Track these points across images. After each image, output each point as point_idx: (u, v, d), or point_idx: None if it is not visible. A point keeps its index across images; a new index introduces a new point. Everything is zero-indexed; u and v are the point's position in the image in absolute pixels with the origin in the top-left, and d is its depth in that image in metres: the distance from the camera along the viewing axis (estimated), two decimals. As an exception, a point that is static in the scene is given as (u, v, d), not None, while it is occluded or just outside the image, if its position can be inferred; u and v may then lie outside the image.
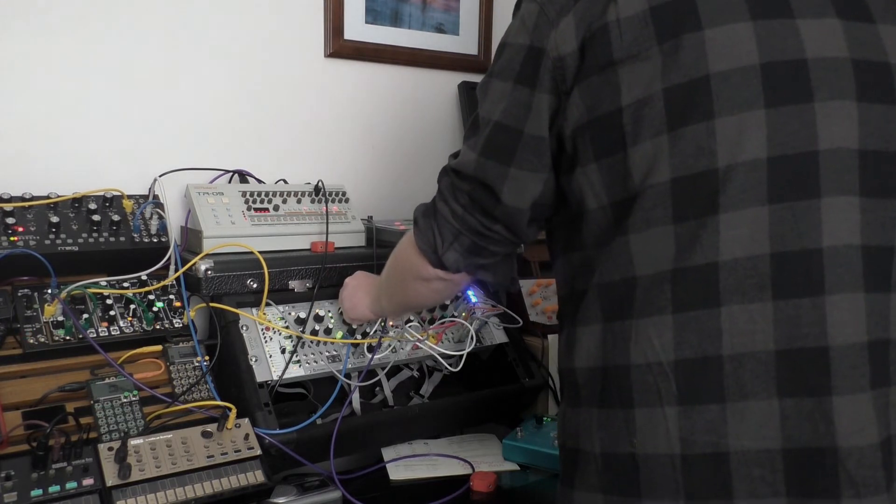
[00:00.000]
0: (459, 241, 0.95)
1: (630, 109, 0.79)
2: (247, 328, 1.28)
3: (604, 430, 0.83)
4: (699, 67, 0.77)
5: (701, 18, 0.78)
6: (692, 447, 0.77)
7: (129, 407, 1.14)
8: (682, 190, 0.77)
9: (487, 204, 0.91)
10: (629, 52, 0.79)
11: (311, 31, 1.66)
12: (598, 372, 0.84)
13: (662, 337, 0.78)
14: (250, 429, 1.15)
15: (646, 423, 0.79)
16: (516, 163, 0.88)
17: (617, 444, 0.82)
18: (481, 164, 0.90)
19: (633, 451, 0.80)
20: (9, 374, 1.12)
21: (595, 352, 0.85)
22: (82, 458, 1.02)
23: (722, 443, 0.76)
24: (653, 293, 0.79)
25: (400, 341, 1.40)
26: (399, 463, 1.37)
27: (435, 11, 1.84)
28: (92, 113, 1.41)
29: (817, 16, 0.79)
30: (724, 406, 0.76)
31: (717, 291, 0.76)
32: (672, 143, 0.77)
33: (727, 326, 0.76)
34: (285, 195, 1.49)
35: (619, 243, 0.82)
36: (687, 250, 0.77)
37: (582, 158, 0.85)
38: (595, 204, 0.85)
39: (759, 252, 0.75)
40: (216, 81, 1.54)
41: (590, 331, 0.86)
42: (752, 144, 0.76)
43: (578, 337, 0.88)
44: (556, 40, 0.83)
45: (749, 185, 0.76)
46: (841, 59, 0.78)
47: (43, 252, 1.20)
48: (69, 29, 1.37)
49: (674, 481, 0.77)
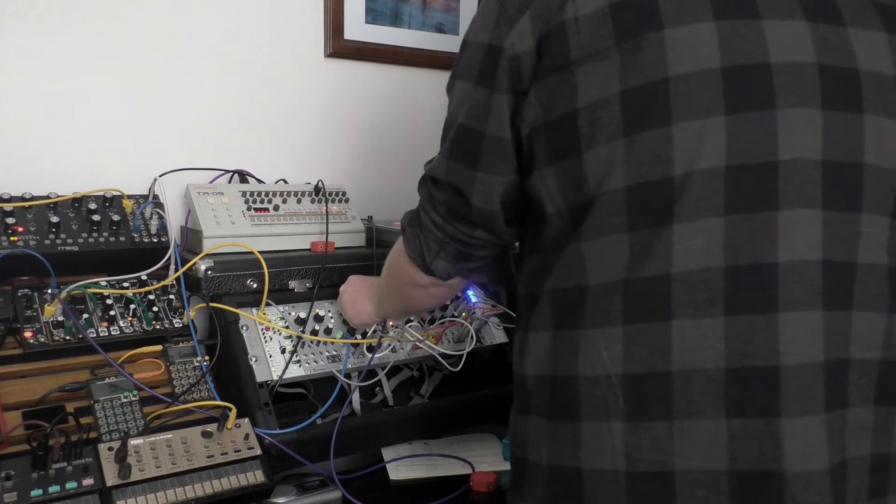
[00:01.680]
0: (445, 249, 0.94)
1: (586, 112, 0.75)
2: (247, 328, 1.28)
3: (551, 442, 0.80)
4: (658, 69, 0.73)
5: (662, 17, 0.73)
6: (637, 464, 0.74)
7: (129, 407, 1.14)
8: (636, 198, 0.74)
9: (462, 210, 0.89)
10: (587, 50, 0.75)
11: (311, 31, 1.66)
12: (546, 381, 0.82)
13: (611, 349, 0.75)
14: (250, 429, 1.15)
15: (592, 437, 0.76)
16: (481, 166, 0.86)
17: (563, 457, 0.79)
18: (451, 168, 0.88)
19: (578, 466, 0.77)
20: (9, 374, 1.12)
21: (544, 360, 0.82)
22: (82, 458, 1.02)
23: (667, 461, 0.73)
24: (603, 303, 0.76)
25: (400, 341, 1.40)
26: (399, 463, 1.37)
27: (435, 11, 1.84)
28: (92, 113, 1.41)
29: (785, 17, 0.75)
30: (671, 423, 0.73)
31: (669, 304, 0.73)
32: (628, 148, 0.74)
33: (677, 341, 0.73)
34: (285, 195, 1.49)
35: (572, 249, 0.79)
36: (640, 260, 0.74)
37: (538, 161, 0.82)
38: (552, 208, 0.82)
39: (712, 265, 0.72)
40: (216, 81, 1.54)
41: (540, 338, 0.83)
42: (711, 152, 0.72)
43: (529, 343, 0.85)
44: (512, 39, 0.80)
45: (706, 194, 0.72)
46: (807, 65, 0.73)
47: (43, 252, 1.20)
48: (69, 29, 1.37)
49: (617, 497, 0.75)
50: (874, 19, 0.77)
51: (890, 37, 0.77)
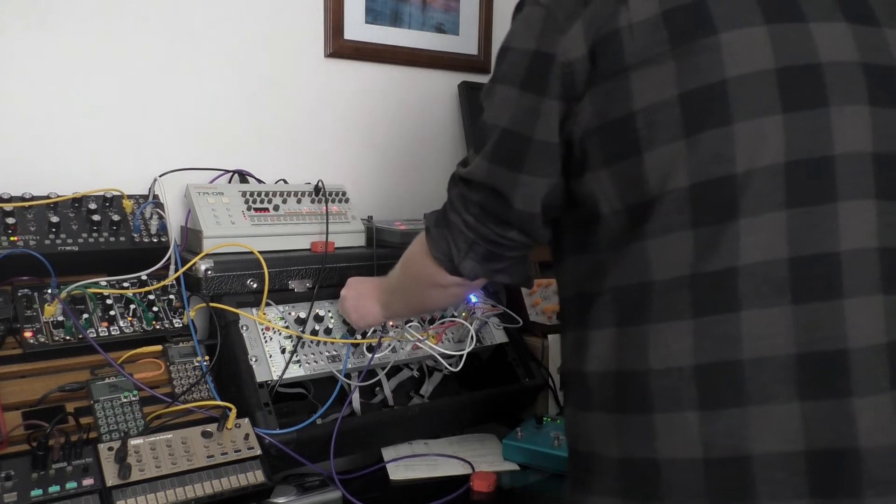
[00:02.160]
0: (474, 249, 0.96)
1: (643, 114, 0.79)
2: (247, 328, 1.28)
3: (622, 435, 0.83)
4: (715, 72, 0.77)
5: (715, 23, 0.78)
6: (714, 451, 0.77)
7: (129, 407, 1.14)
8: (700, 195, 0.78)
9: (500, 211, 0.91)
10: (642, 56, 0.79)
11: (311, 31, 1.66)
12: (611, 376, 0.84)
13: (681, 342, 0.79)
14: (250, 429, 1.15)
15: (666, 428, 0.79)
16: (526, 168, 0.88)
17: (636, 449, 0.82)
18: (491, 170, 0.90)
19: (653, 456, 0.80)
20: (9, 374, 1.12)
21: (608, 356, 0.85)
22: (82, 458, 1.02)
23: (744, 446, 0.76)
24: (670, 298, 0.79)
25: (400, 341, 1.40)
26: (399, 463, 1.37)
27: (435, 11, 1.84)
28: (92, 113, 1.41)
29: (827, 19, 0.79)
30: (746, 410, 0.76)
31: (736, 296, 0.76)
32: (690, 148, 0.78)
33: (747, 331, 0.76)
34: (285, 195, 1.49)
35: (635, 248, 0.82)
36: (706, 255, 0.78)
37: (592, 163, 0.85)
38: (608, 208, 0.85)
39: (777, 257, 0.76)
40: (216, 81, 1.54)
41: (602, 335, 0.86)
42: (771, 150, 0.76)
43: (590, 340, 0.88)
44: (564, 45, 0.82)
45: (767, 190, 0.76)
46: (852, 64, 0.78)
47: (43, 252, 1.20)
48: (69, 29, 1.37)
49: (696, 485, 0.78)
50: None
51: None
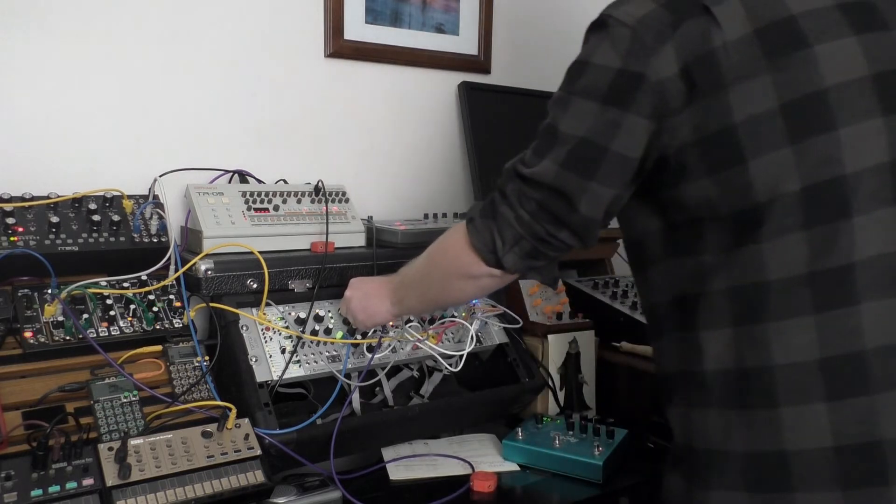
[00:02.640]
0: (520, 245, 0.98)
1: (745, 125, 0.84)
2: (247, 328, 1.28)
3: (745, 430, 0.87)
4: (814, 82, 0.83)
5: (807, 36, 0.84)
6: (845, 439, 0.81)
7: (129, 407, 1.14)
8: (812, 197, 0.83)
9: (561, 213, 0.95)
10: (739, 73, 0.84)
11: (311, 31, 1.66)
12: (732, 374, 0.88)
13: (805, 337, 0.83)
14: (250, 429, 1.15)
15: (795, 421, 0.83)
16: (598, 178, 0.92)
17: (763, 443, 0.85)
18: (562, 175, 0.93)
19: (782, 448, 0.84)
20: (9, 374, 1.12)
21: (726, 355, 0.89)
22: (82, 458, 1.02)
23: (875, 432, 0.80)
24: (790, 296, 0.84)
25: (400, 341, 1.40)
26: (399, 463, 1.37)
27: (435, 11, 1.84)
28: (92, 113, 1.41)
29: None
30: (873, 397, 0.81)
31: (856, 290, 0.82)
32: (798, 154, 0.83)
33: (868, 322, 0.81)
34: (285, 195, 1.49)
35: (749, 250, 0.86)
36: (822, 253, 0.83)
37: (692, 174, 0.89)
38: (712, 214, 0.89)
39: (891, 250, 0.82)
40: (216, 81, 1.54)
41: (717, 335, 0.90)
42: (875, 150, 0.83)
43: (703, 341, 0.91)
44: (655, 66, 0.86)
45: (875, 188, 0.82)
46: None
47: (43, 252, 1.20)
48: (69, 29, 1.37)
49: (828, 473, 0.82)
50: None
51: None
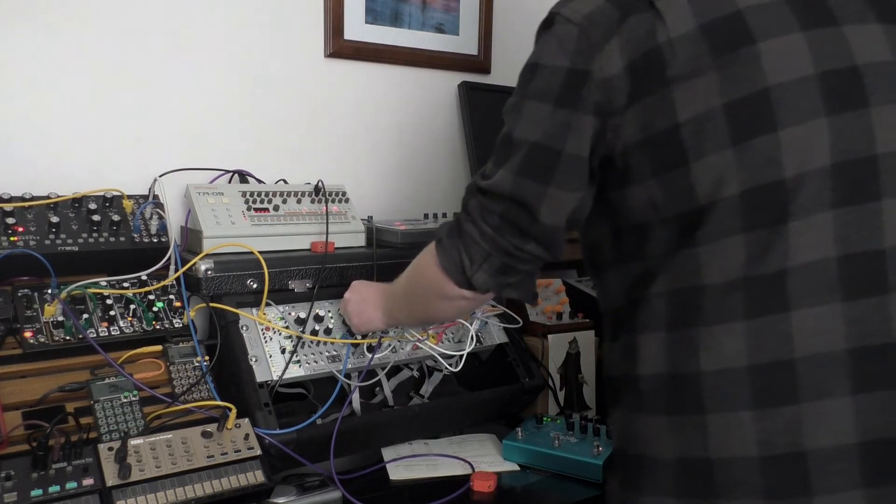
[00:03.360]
0: (489, 262, 0.96)
1: (689, 125, 0.81)
2: (247, 328, 1.28)
3: (675, 436, 0.85)
4: (758, 81, 0.80)
5: (753, 32, 0.81)
6: (770, 449, 0.79)
7: (129, 407, 1.14)
8: (751, 201, 0.80)
9: (523, 223, 0.92)
10: (683, 70, 0.81)
11: (311, 31, 1.66)
12: (663, 379, 0.86)
13: (734, 343, 0.80)
14: (250, 429, 1.15)
15: (720, 428, 0.81)
16: (555, 182, 0.89)
17: (690, 449, 0.83)
18: (518, 183, 0.91)
19: (706, 456, 0.82)
20: (9, 374, 1.12)
21: (660, 359, 0.86)
22: (82, 458, 1.02)
23: (799, 442, 0.78)
24: (723, 301, 0.81)
25: (400, 341, 1.40)
26: (399, 463, 1.37)
27: (435, 11, 1.84)
28: (92, 113, 1.41)
29: (860, 21, 0.82)
30: (799, 407, 0.78)
31: (787, 297, 0.79)
32: (738, 156, 0.80)
33: (798, 330, 0.78)
34: (285, 195, 1.49)
35: (686, 254, 0.84)
36: (757, 258, 0.80)
37: (636, 175, 0.86)
38: (654, 217, 0.87)
39: (826, 256, 0.79)
40: (216, 81, 1.54)
41: (652, 339, 0.88)
42: (818, 152, 0.79)
43: (640, 345, 0.89)
44: (600, 63, 0.84)
45: (815, 191, 0.79)
46: (887, 63, 0.81)
47: (43, 252, 1.20)
48: (69, 29, 1.37)
49: (751, 482, 0.80)
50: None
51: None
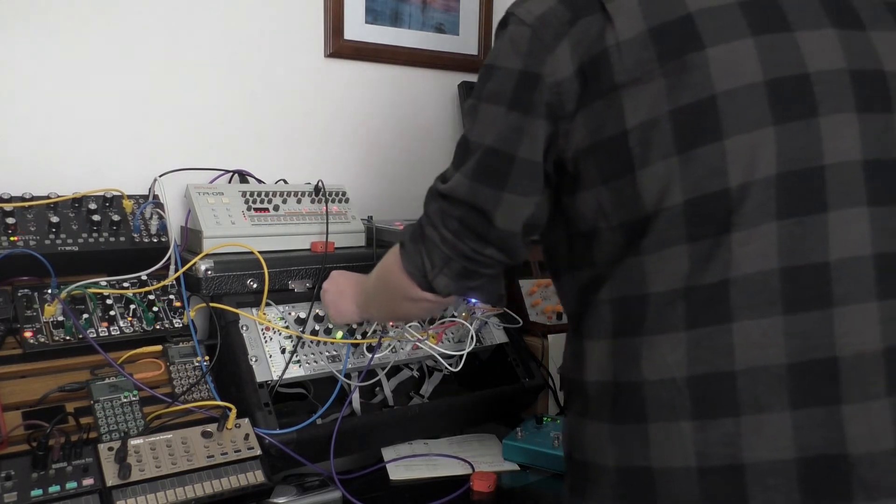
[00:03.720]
0: (450, 266, 0.95)
1: (636, 132, 0.79)
2: (247, 328, 1.28)
3: (617, 445, 0.84)
4: (705, 87, 0.77)
5: (702, 37, 0.78)
6: (708, 460, 0.78)
7: (129, 407, 1.14)
8: (695, 211, 0.78)
9: (480, 228, 0.91)
10: (631, 75, 0.79)
11: (311, 31, 1.66)
12: (608, 386, 0.85)
13: (675, 353, 0.79)
14: (250, 429, 1.15)
15: (661, 438, 0.80)
16: (509, 187, 0.88)
17: (631, 458, 0.82)
18: (473, 188, 0.89)
19: (648, 465, 0.81)
20: (9, 374, 1.12)
21: (605, 366, 0.85)
22: (82, 458, 1.02)
23: (737, 455, 0.77)
24: (665, 310, 0.80)
25: (400, 341, 1.40)
26: (399, 463, 1.37)
27: (435, 11, 1.84)
28: (92, 113, 1.41)
29: (814, 27, 0.79)
30: (739, 420, 0.77)
31: (729, 308, 0.77)
32: (683, 164, 0.78)
33: (739, 341, 0.77)
34: (285, 195, 1.49)
35: (631, 262, 0.83)
36: (700, 268, 0.78)
37: (586, 181, 0.85)
38: (604, 224, 0.85)
39: (769, 267, 0.76)
40: (216, 81, 1.54)
41: (599, 345, 0.87)
42: (763, 162, 0.76)
43: (587, 351, 0.88)
44: (551, 65, 0.82)
45: (760, 202, 0.76)
46: (839, 71, 0.78)
47: (43, 252, 1.20)
48: (69, 29, 1.37)
49: (690, 493, 0.78)
50: (888, 19, 0.82)
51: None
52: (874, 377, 0.76)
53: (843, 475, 0.75)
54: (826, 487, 0.76)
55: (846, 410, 0.75)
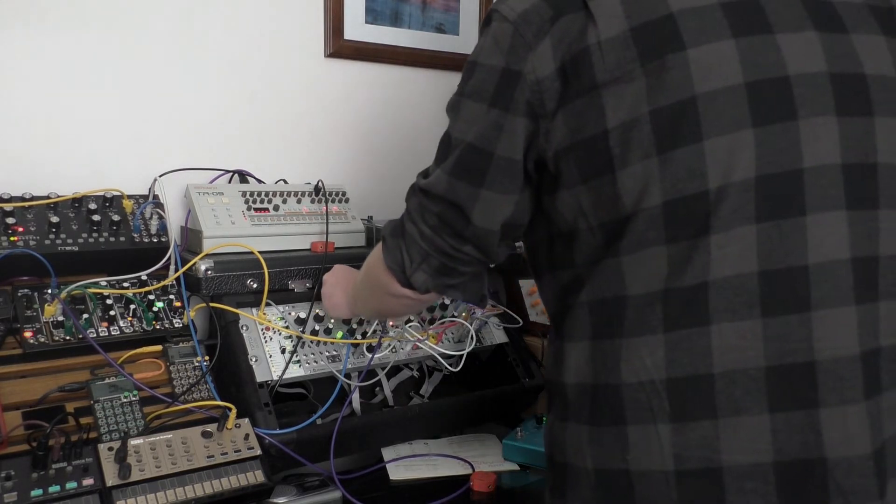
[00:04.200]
0: (428, 262, 0.95)
1: (616, 132, 0.79)
2: (247, 328, 1.28)
3: (595, 447, 0.83)
4: (685, 88, 0.76)
5: (683, 38, 0.77)
6: (686, 463, 0.77)
7: (129, 407, 1.14)
8: (673, 212, 0.78)
9: (457, 225, 0.90)
10: (613, 74, 0.78)
11: (311, 31, 1.66)
12: (587, 388, 0.85)
13: (654, 355, 0.79)
14: (250, 429, 1.15)
15: (639, 440, 0.80)
16: (487, 184, 0.87)
17: (610, 461, 0.82)
18: (452, 184, 0.89)
19: (626, 468, 0.80)
20: (9, 374, 1.12)
21: (584, 369, 0.85)
22: (82, 458, 1.02)
23: (715, 458, 0.76)
24: (643, 312, 0.80)
25: (400, 341, 1.40)
26: (399, 463, 1.37)
27: (435, 11, 1.84)
28: (92, 113, 1.41)
29: (795, 30, 0.79)
30: (717, 422, 0.76)
31: (707, 310, 0.76)
32: (662, 166, 0.77)
33: (717, 344, 0.76)
34: (285, 195, 1.49)
35: (610, 264, 0.82)
36: (678, 271, 0.78)
37: (567, 180, 0.84)
38: (584, 224, 0.85)
39: (747, 270, 0.76)
40: (216, 81, 1.54)
41: (578, 347, 0.86)
42: (742, 165, 0.76)
43: (566, 353, 0.88)
44: (533, 63, 0.82)
45: (739, 204, 0.76)
46: (820, 74, 0.78)
47: (43, 252, 1.20)
48: (69, 29, 1.37)
49: (668, 496, 0.78)
50: (871, 23, 0.82)
51: (888, 39, 0.82)
52: (851, 381, 0.75)
53: (821, 479, 0.75)
54: (803, 491, 0.76)
55: (823, 414, 0.75)
